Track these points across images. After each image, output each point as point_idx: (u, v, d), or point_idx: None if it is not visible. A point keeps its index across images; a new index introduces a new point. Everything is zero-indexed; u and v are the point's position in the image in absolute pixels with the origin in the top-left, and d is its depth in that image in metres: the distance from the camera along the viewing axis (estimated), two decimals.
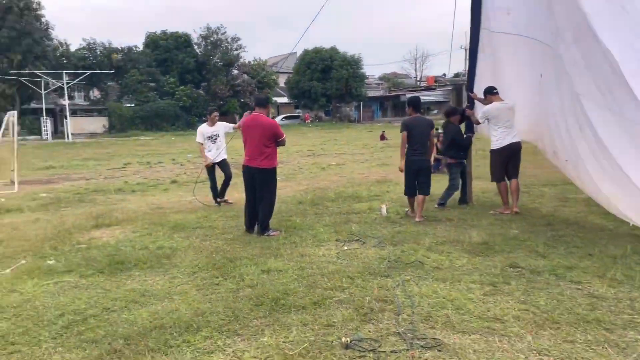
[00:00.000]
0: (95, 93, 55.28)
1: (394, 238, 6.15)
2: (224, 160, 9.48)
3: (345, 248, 5.80)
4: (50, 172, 19.12)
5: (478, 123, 7.82)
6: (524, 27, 7.35)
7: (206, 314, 3.98)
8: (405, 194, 7.53)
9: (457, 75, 78.16)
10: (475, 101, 8.28)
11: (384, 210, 7.80)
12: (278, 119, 57.58)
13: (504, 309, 3.90)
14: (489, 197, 9.06)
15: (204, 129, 9.42)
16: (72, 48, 51.57)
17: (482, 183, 9.57)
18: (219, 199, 9.42)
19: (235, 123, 10.05)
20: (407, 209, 7.66)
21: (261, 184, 6.70)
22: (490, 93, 7.48)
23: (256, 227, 6.78)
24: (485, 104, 7.60)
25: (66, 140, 41.91)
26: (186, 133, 46.03)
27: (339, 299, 4.14)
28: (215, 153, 9.34)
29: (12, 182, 14.44)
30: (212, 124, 9.44)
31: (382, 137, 31.11)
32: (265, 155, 6.60)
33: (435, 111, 61.18)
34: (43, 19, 46.82)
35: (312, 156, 21.97)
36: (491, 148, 7.50)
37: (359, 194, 9.51)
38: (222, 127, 9.53)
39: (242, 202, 9.57)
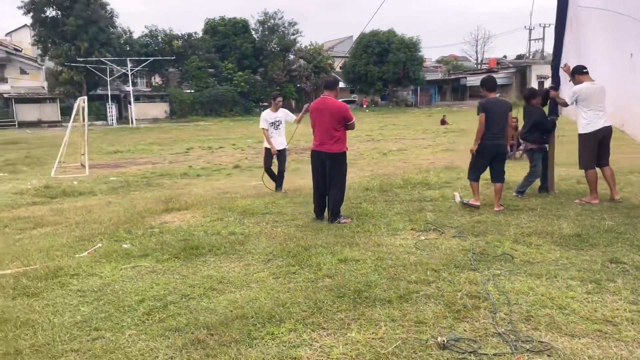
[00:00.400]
0: (157, 79, 56.86)
1: (475, 228, 5.80)
2: (284, 150, 9.34)
3: (423, 238, 5.52)
4: (118, 156, 19.77)
5: (566, 105, 7.26)
6: (615, 2, 6.74)
7: (287, 304, 3.82)
8: (470, 178, 7.05)
9: (519, 57, 75.22)
10: (562, 82, 7.71)
11: (458, 198, 7.43)
12: None
13: (614, 309, 3.53)
14: (571, 184, 8.49)
15: (267, 114, 9.24)
16: (135, 35, 53.17)
17: (561, 170, 9.00)
18: (277, 190, 9.25)
19: (292, 109, 9.86)
20: (462, 198, 7.30)
21: (331, 169, 6.49)
22: (580, 72, 6.90)
23: (326, 214, 6.61)
24: (575, 84, 7.03)
25: (130, 125, 43.39)
26: (244, 119, 46.65)
27: (426, 293, 3.88)
28: (278, 140, 9.20)
29: (83, 166, 14.97)
30: (276, 109, 9.28)
31: (443, 122, 30.30)
32: (335, 139, 6.38)
33: (498, 95, 59.01)
34: (108, 7, 48.42)
35: (371, 141, 21.64)
36: (580, 132, 6.94)
37: (428, 181, 9.14)
38: (283, 113, 9.38)
39: (307, 188, 9.47)
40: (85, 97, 16.45)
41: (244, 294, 4.12)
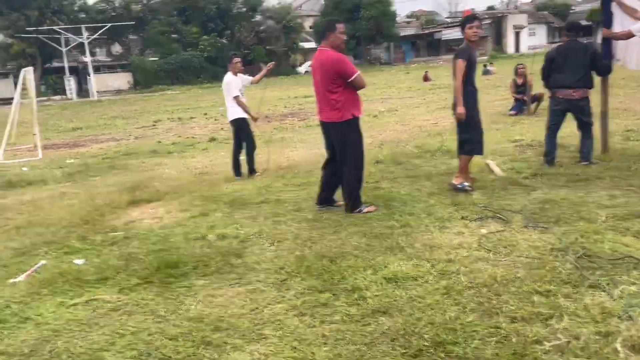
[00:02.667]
0: (117, 48, 53.54)
1: (545, 211, 4.39)
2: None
3: (484, 231, 4.08)
4: (77, 134, 17.75)
5: (630, 35, 5.76)
6: None
7: None
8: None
9: (490, 8, 73.41)
10: (615, 19, 6.23)
11: (497, 169, 6.01)
12: (305, 66, 55.04)
13: None
14: (618, 143, 7.13)
15: (234, 79, 7.43)
16: (90, 1, 49.50)
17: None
18: (252, 175, 7.55)
19: (260, 73, 8.13)
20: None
21: (338, 143, 5.01)
22: None
23: (336, 201, 5.16)
24: (638, 17, 5.57)
25: (91, 98, 40.64)
26: (213, 85, 44.11)
27: (558, 344, 2.45)
28: (240, 111, 7.47)
29: (36, 147, 13.05)
30: (235, 73, 7.48)
31: (426, 78, 28.75)
32: (332, 104, 4.84)
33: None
34: None
35: None
36: None
37: (447, 147, 7.68)
38: (242, 79, 7.62)
39: (305, 163, 7.92)
40: (31, 68, 14.31)
41: (259, 353, 2.64)
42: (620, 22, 6.14)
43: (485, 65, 30.24)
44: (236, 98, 7.38)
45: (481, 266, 3.37)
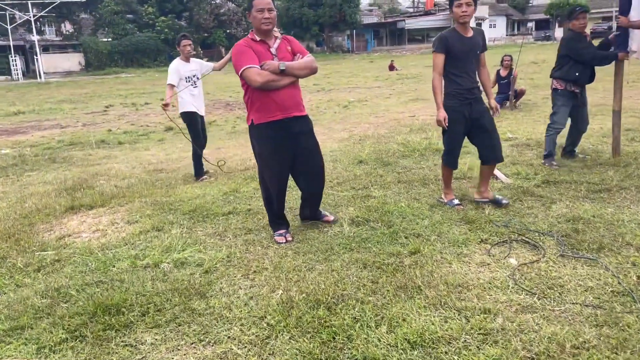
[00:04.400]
0: (67, 27, 50.55)
1: (581, 235, 3.61)
2: (203, 118, 6.64)
3: (515, 262, 3.26)
4: (19, 119, 16.12)
5: None
6: None
7: None
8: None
9: None
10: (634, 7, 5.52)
11: (502, 175, 5.23)
12: None
13: None
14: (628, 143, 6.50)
15: (180, 65, 6.35)
16: None
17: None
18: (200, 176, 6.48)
19: (222, 58, 7.06)
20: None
21: None
22: None
23: (325, 215, 4.30)
24: None
25: (38, 80, 38.09)
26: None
27: None
28: (196, 103, 6.43)
29: None
30: (186, 58, 6.40)
31: (392, 68, 28.05)
32: (245, 103, 3.89)
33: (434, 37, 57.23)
34: None
35: (322, 92, 19.11)
36: None
37: (433, 145, 6.89)
38: (198, 65, 6.54)
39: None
40: None
41: None
42: (638, 10, 5.44)
43: None
44: (169, 86, 6.31)
45: (531, 321, 2.54)
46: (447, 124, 4.16)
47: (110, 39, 46.15)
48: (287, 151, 3.79)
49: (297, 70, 3.68)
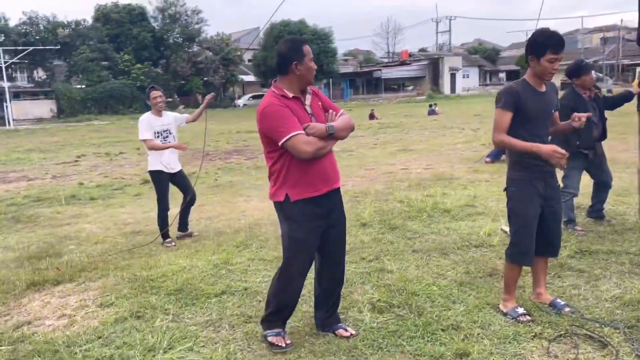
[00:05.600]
0: (40, 74, 49.77)
1: None
2: (181, 172, 6.03)
3: None
4: None
5: None
6: None
7: None
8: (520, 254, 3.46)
9: (422, 50, 75.46)
10: None
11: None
12: (244, 99, 53.56)
13: None
14: None
15: (151, 119, 5.82)
16: (12, 24, 45.82)
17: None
18: (179, 232, 6.04)
19: (199, 105, 6.55)
20: None
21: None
22: None
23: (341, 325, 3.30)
24: None
25: (7, 127, 36.93)
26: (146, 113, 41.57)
27: None
28: (169, 158, 5.87)
29: None
30: (158, 112, 5.85)
31: (372, 116, 28.06)
32: (268, 173, 3.17)
33: (411, 87, 58.48)
34: None
35: None
36: None
37: (441, 204, 6.35)
38: (172, 118, 6.00)
39: (259, 218, 6.33)
40: None
41: None
42: None
43: (430, 106, 30.07)
44: (146, 141, 5.77)
45: None
46: (565, 161, 3.11)
47: (84, 86, 45.48)
48: (319, 231, 3.09)
49: (342, 132, 3.05)
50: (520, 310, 3.31)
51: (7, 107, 38.49)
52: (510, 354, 2.79)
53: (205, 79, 50.28)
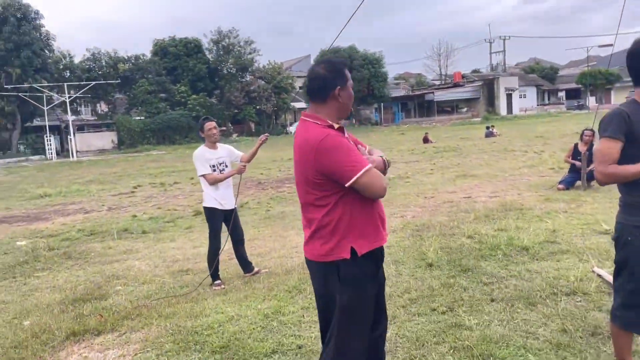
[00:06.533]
0: (102, 107, 52.06)
1: None
2: (234, 211, 5.60)
3: None
4: (43, 203, 15.49)
5: None
6: None
7: None
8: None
9: (475, 71, 73.85)
10: None
11: (608, 276, 3.95)
12: (296, 125, 53.79)
13: None
14: None
15: (205, 152, 5.55)
16: (76, 60, 48.32)
17: None
18: (246, 274, 5.66)
19: (252, 132, 6.16)
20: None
21: (322, 301, 2.57)
22: None
23: None
24: None
25: (71, 158, 38.52)
26: (201, 144, 42.40)
27: None
28: (224, 194, 5.51)
29: None
30: (212, 144, 5.61)
31: (426, 140, 27.25)
32: (314, 226, 2.44)
33: (465, 109, 57.07)
34: (43, 29, 43.52)
35: None
36: None
37: (515, 241, 5.64)
38: (227, 151, 5.68)
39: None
40: None
41: None
42: None
43: (487, 128, 28.95)
44: (204, 177, 5.45)
45: None
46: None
47: (143, 117, 47.09)
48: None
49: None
50: None
51: (71, 139, 40.26)
52: None
53: (258, 107, 50.99)
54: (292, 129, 52.86)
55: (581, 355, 3.04)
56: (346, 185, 2.30)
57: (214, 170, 5.48)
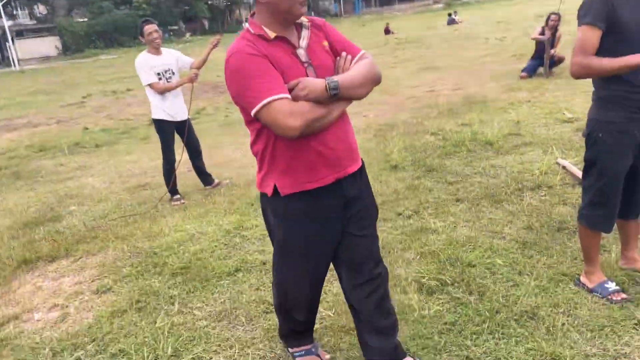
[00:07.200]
0: (40, 9, 48.01)
1: None
2: (187, 122, 5.23)
3: None
4: None
5: None
6: None
7: None
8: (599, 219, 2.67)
9: None
10: None
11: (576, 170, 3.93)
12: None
13: None
14: None
15: (148, 59, 5.04)
16: None
17: None
18: (208, 187, 5.44)
19: (205, 30, 5.65)
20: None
21: (267, 226, 2.24)
22: None
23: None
24: None
25: (13, 68, 36.03)
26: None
27: None
28: (173, 104, 5.11)
29: None
30: (155, 50, 5.08)
31: (387, 31, 26.39)
32: (254, 155, 2.08)
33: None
34: None
35: None
36: None
37: (479, 136, 5.54)
38: (174, 57, 5.16)
39: None
40: None
41: None
42: None
43: (449, 15, 28.07)
44: (152, 85, 5.01)
45: None
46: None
47: (86, 19, 43.78)
48: (332, 235, 2.08)
49: (357, 90, 1.92)
50: (611, 286, 2.58)
51: (10, 46, 37.40)
52: (611, 356, 2.14)
53: (209, 2, 47.92)
54: (247, 24, 50.42)
55: (547, 252, 3.02)
56: (252, 114, 1.84)
57: (160, 79, 5.04)
